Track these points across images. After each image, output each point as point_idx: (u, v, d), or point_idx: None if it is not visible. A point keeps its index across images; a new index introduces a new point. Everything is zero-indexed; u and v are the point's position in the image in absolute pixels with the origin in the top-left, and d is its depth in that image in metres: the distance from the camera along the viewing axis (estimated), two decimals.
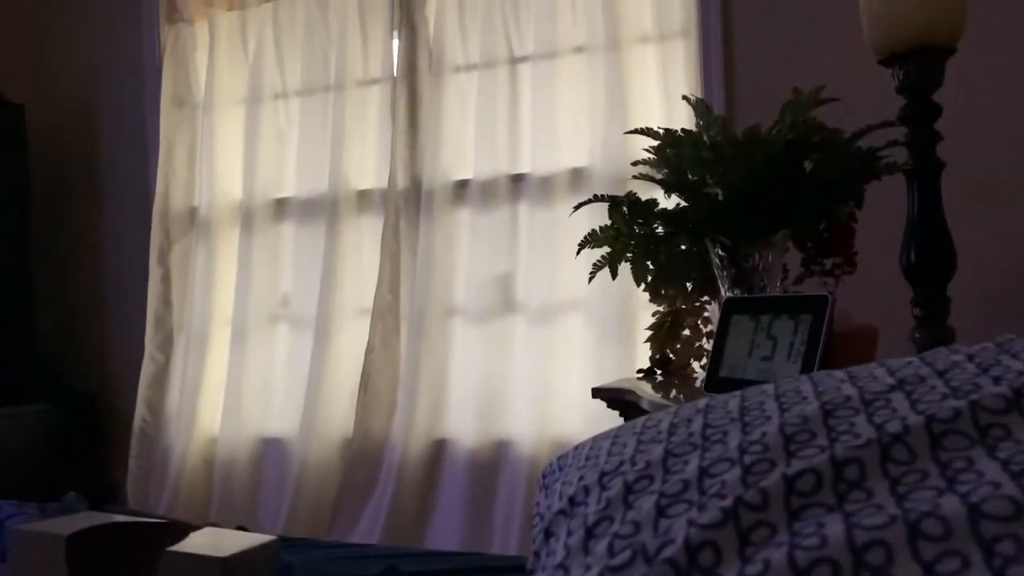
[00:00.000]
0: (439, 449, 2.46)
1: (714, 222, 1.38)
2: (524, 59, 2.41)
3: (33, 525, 0.79)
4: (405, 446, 2.44)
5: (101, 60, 2.99)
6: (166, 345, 2.78)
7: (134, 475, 2.74)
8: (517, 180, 2.43)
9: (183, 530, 0.79)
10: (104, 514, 0.86)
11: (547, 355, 2.34)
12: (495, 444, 2.39)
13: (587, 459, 0.49)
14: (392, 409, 2.53)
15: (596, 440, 0.53)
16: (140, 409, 2.75)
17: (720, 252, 1.40)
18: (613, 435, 0.51)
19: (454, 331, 2.48)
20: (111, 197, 2.99)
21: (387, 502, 2.41)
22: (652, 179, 1.44)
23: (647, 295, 1.64)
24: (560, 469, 0.53)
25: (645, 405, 1.41)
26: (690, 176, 1.39)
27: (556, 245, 2.34)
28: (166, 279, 2.79)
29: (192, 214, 2.80)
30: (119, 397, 2.89)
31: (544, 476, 0.58)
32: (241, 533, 0.83)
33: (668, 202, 1.48)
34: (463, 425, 2.43)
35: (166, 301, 2.79)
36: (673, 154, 1.35)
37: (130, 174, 2.93)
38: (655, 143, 1.41)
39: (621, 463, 0.46)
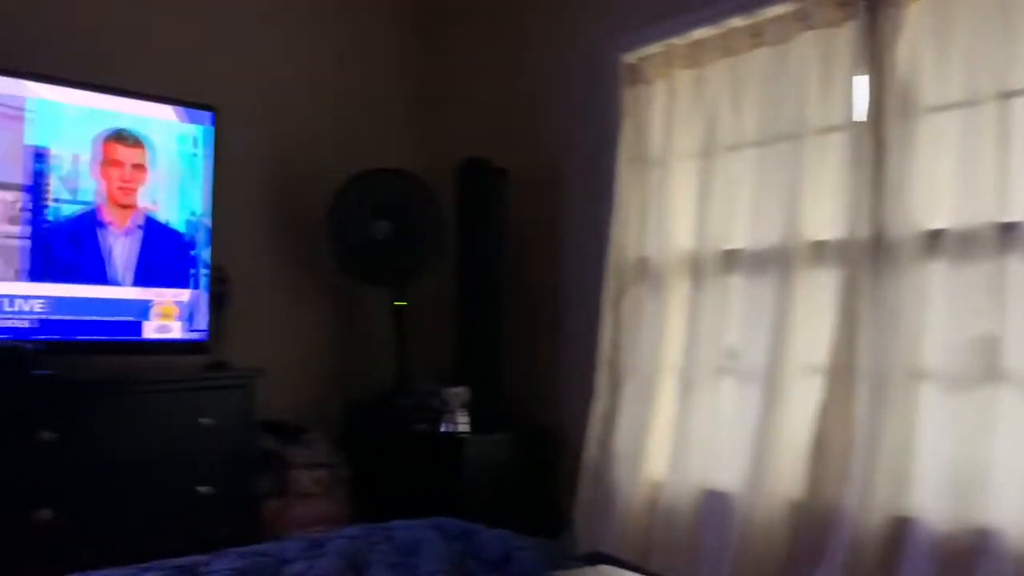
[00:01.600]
0: (900, 528, 2.22)
1: None
2: (1020, 93, 2.11)
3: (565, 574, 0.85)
4: (860, 519, 2.25)
5: (568, 126, 3.28)
6: (615, 388, 2.93)
7: (582, 509, 2.91)
8: (1007, 229, 2.12)
9: None
10: (616, 568, 0.90)
11: None
12: (972, 531, 2.08)
13: None
14: (845, 476, 2.34)
15: None
16: (590, 447, 2.92)
17: None
18: None
19: (922, 397, 2.23)
20: (571, 248, 3.25)
21: None
22: None
23: None
24: None
25: None
26: None
27: None
28: (617, 325, 2.94)
29: (643, 264, 2.93)
30: (572, 433, 3.10)
31: None
32: None
33: None
34: (931, 504, 2.16)
35: (616, 346, 2.94)
36: None
37: (588, 227, 3.16)
38: None
39: None
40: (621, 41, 3.04)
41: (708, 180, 2.73)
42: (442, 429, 3.02)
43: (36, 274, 2.52)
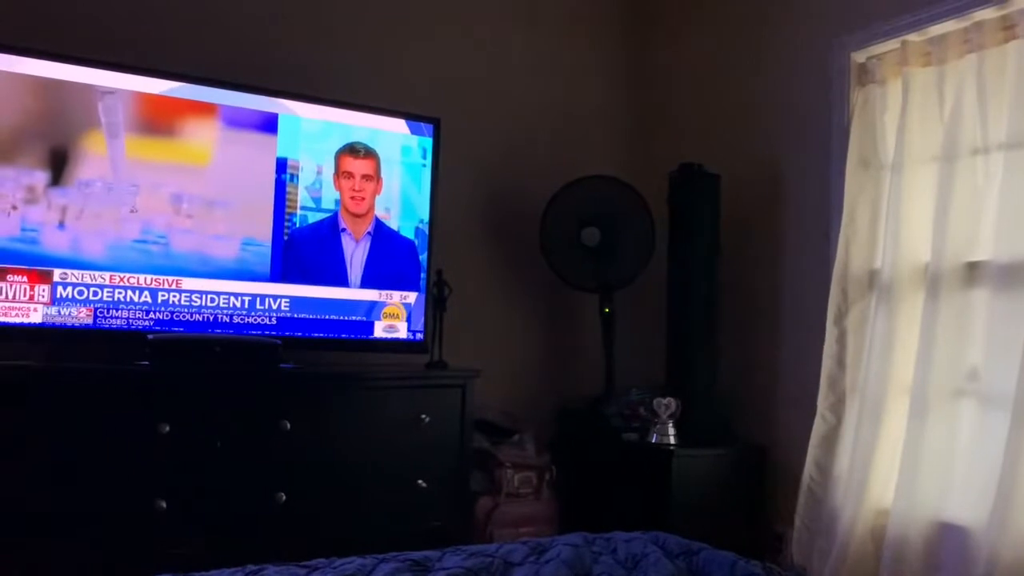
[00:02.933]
0: None
1: None
2: None
3: None
4: None
5: (787, 130, 3.15)
6: (837, 407, 2.76)
7: (799, 532, 2.77)
8: None
9: None
10: None
11: None
12: None
13: None
14: None
15: None
16: (808, 467, 2.78)
17: None
18: None
19: None
20: (791, 258, 3.11)
21: None
22: None
23: None
24: None
25: None
26: None
27: None
28: (841, 341, 2.78)
29: (872, 276, 2.75)
30: (787, 452, 2.97)
31: None
32: None
33: None
34: None
35: (840, 363, 2.78)
36: None
37: (810, 236, 3.01)
38: None
39: None
40: (849, 39, 2.88)
41: (949, 186, 2.52)
42: (651, 440, 2.99)
43: (282, 276, 2.76)
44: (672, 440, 2.96)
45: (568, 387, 3.52)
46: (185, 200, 2.64)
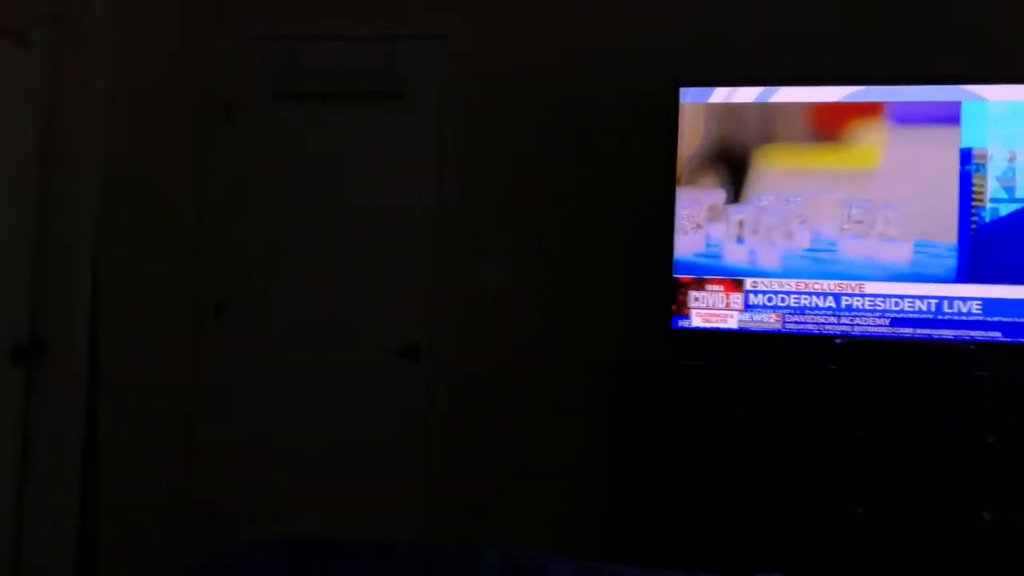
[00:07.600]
0: None
1: None
2: None
3: None
4: None
5: None
6: None
7: None
8: None
9: None
10: None
11: None
12: None
13: None
14: None
15: None
16: None
17: None
18: None
19: None
20: None
21: None
22: None
23: None
24: None
25: None
26: None
27: None
28: None
29: None
30: None
31: None
32: None
33: None
34: None
35: None
36: None
37: None
38: None
39: None
40: None
41: None
42: None
43: (969, 276, 2.53)
44: None
45: None
46: (853, 206, 2.60)
